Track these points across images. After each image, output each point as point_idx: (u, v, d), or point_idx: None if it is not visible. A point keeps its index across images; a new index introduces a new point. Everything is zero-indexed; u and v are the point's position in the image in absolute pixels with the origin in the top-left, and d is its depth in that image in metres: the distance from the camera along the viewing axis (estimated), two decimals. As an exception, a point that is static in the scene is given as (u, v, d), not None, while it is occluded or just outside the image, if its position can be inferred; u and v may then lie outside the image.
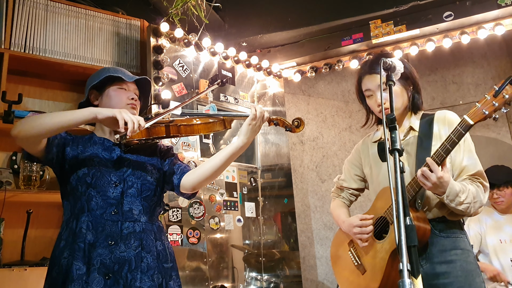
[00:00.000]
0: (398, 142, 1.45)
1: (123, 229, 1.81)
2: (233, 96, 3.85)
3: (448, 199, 1.88)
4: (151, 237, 1.87)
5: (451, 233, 2.03)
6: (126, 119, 1.75)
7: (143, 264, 1.80)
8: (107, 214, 1.81)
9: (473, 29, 3.70)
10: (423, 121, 2.16)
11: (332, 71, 4.26)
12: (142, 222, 1.87)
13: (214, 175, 1.97)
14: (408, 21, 3.74)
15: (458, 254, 2.00)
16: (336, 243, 2.41)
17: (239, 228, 3.57)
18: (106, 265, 1.74)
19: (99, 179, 1.84)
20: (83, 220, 1.79)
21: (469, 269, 1.98)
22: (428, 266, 1.99)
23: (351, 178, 2.44)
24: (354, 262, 2.21)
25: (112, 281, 1.73)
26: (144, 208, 1.89)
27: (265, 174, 3.92)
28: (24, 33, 3.10)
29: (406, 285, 1.11)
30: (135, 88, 2.04)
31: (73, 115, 1.76)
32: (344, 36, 3.98)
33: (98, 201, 1.82)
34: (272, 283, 3.67)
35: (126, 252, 1.78)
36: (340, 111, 4.97)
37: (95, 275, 1.72)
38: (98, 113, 1.77)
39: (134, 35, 3.59)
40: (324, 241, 4.54)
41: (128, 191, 1.87)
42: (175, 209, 3.17)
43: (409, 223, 1.27)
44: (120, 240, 1.79)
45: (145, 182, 1.92)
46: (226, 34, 4.09)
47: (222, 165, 1.94)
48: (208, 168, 1.94)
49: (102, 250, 1.76)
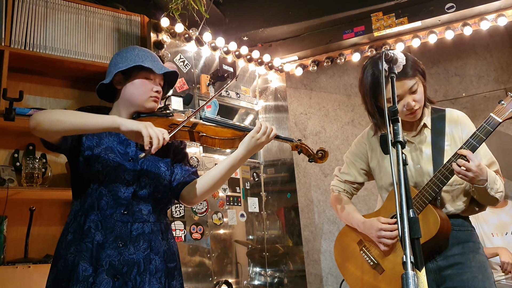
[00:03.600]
0: (400, 135, 1.44)
1: (132, 230, 1.78)
2: (235, 91, 3.84)
3: (489, 188, 1.90)
4: (159, 238, 1.85)
5: (463, 227, 2.07)
6: (151, 135, 1.68)
7: (151, 266, 1.78)
8: (117, 214, 1.78)
9: (476, 20, 3.67)
10: (434, 118, 2.16)
11: (334, 65, 4.24)
12: (151, 222, 1.84)
13: (213, 188, 1.93)
14: (410, 13, 3.71)
15: (471, 246, 2.04)
16: (343, 243, 2.33)
17: (242, 224, 3.57)
18: (115, 266, 1.72)
19: (113, 177, 1.80)
20: (92, 218, 1.76)
21: (482, 260, 2.02)
22: (442, 259, 2.02)
23: (356, 171, 2.37)
24: (369, 262, 2.15)
25: (121, 282, 1.71)
26: (153, 208, 1.86)
27: (268, 169, 3.92)
28: (24, 30, 3.09)
29: (410, 277, 1.10)
30: (161, 79, 1.97)
31: (95, 121, 1.71)
32: (345, 29, 3.96)
33: (109, 200, 1.78)
34: (276, 278, 3.67)
35: (135, 254, 1.76)
36: (343, 105, 4.95)
37: (104, 276, 1.69)
38: (122, 124, 1.70)
39: (135, 30, 3.58)
40: (328, 235, 4.53)
41: (140, 192, 1.83)
42: (178, 205, 3.16)
43: (413, 216, 1.26)
44: (130, 242, 1.76)
45: (158, 184, 1.88)
46: (227, 29, 4.07)
47: (221, 178, 1.90)
48: (207, 181, 1.91)
49: (111, 251, 1.73)
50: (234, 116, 3.94)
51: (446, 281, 1.99)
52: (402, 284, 1.11)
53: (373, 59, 2.16)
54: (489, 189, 1.91)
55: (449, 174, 1.95)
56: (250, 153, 1.87)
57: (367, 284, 2.14)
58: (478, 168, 1.86)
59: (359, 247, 2.22)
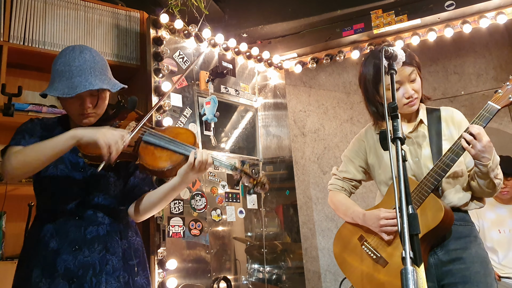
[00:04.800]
0: (400, 131, 1.45)
1: (86, 234, 1.81)
2: (234, 88, 3.84)
3: (491, 167, 1.90)
4: (116, 238, 1.87)
5: (465, 222, 2.07)
6: (109, 143, 1.64)
7: (108, 267, 1.80)
8: (70, 220, 1.81)
9: (475, 18, 3.67)
10: (430, 116, 2.18)
11: (333, 62, 4.24)
12: (106, 224, 1.86)
13: (154, 211, 1.95)
14: (410, 11, 3.71)
15: (472, 241, 2.03)
16: (342, 240, 2.32)
17: (241, 220, 3.57)
18: (70, 270, 1.74)
19: (62, 189, 1.82)
20: (48, 227, 1.79)
21: (483, 256, 2.02)
22: (443, 253, 2.01)
23: (355, 169, 2.37)
24: (372, 256, 2.14)
25: (77, 285, 1.74)
26: (108, 211, 1.88)
27: (266, 166, 3.92)
28: (23, 25, 3.08)
29: (409, 272, 1.10)
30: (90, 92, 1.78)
31: (57, 145, 1.67)
32: (345, 27, 3.96)
33: (62, 207, 1.81)
34: (274, 274, 3.68)
35: (90, 256, 1.78)
36: (342, 102, 4.95)
37: (59, 280, 1.72)
38: (81, 138, 1.66)
39: (134, 27, 3.57)
40: (326, 233, 4.54)
41: (90, 202, 1.85)
42: (177, 201, 3.16)
43: (412, 212, 1.26)
44: (84, 245, 1.79)
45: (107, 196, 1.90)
46: (226, 25, 4.06)
47: (161, 202, 1.91)
48: (148, 205, 1.92)
49: (66, 256, 1.76)
50: (233, 113, 3.93)
51: (448, 276, 1.99)
52: (401, 279, 1.12)
53: (374, 51, 2.20)
54: (491, 170, 1.90)
55: (450, 162, 1.94)
56: (188, 181, 1.83)
57: (370, 278, 2.13)
58: (488, 143, 1.86)
59: (360, 242, 2.21)
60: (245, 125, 3.95)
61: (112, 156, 1.65)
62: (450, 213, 1.98)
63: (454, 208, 2.05)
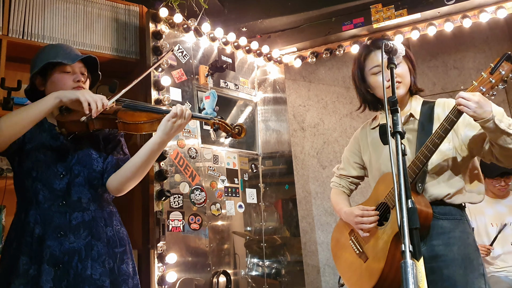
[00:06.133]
0: (399, 125, 1.45)
1: (71, 220, 1.83)
2: (234, 82, 3.83)
3: (497, 119, 1.76)
4: (101, 224, 1.89)
5: (450, 216, 2.02)
6: (89, 100, 1.76)
7: (93, 252, 1.82)
8: (54, 206, 1.83)
9: (475, 12, 3.66)
10: (424, 108, 2.14)
11: (333, 57, 4.24)
12: (91, 210, 1.88)
13: (137, 175, 1.92)
14: (409, 5, 3.70)
15: (457, 237, 1.98)
16: (337, 234, 2.40)
17: (241, 215, 3.58)
18: (55, 256, 1.76)
19: (45, 171, 1.84)
20: (32, 214, 1.81)
21: (466, 252, 1.96)
22: (426, 248, 1.98)
23: (350, 166, 2.44)
24: (355, 251, 2.20)
25: (62, 271, 1.75)
26: (93, 196, 1.90)
27: (266, 160, 3.92)
28: (22, 19, 3.07)
29: (408, 266, 1.11)
30: (81, 67, 1.98)
31: (41, 106, 1.76)
32: (344, 21, 3.95)
33: (45, 193, 1.83)
34: (273, 269, 3.69)
35: (75, 242, 1.80)
36: (341, 97, 4.95)
37: (45, 266, 1.74)
38: (62, 97, 1.77)
39: (133, 21, 3.56)
40: (325, 227, 4.55)
41: (75, 181, 1.87)
42: (177, 195, 3.17)
43: (411, 206, 1.27)
44: (69, 231, 1.81)
45: (91, 171, 1.91)
46: (225, 19, 4.05)
47: (143, 163, 1.89)
48: (128, 168, 1.91)
49: (51, 242, 1.77)
50: (232, 108, 3.93)
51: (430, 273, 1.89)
52: (401, 272, 1.12)
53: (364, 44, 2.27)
54: (499, 122, 1.76)
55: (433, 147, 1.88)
56: (169, 136, 1.86)
57: (353, 272, 2.19)
58: (481, 97, 1.77)
59: (349, 237, 2.28)
60: (244, 119, 3.95)
61: (93, 112, 1.76)
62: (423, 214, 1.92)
63: (436, 201, 2.00)
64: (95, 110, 1.76)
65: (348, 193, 2.48)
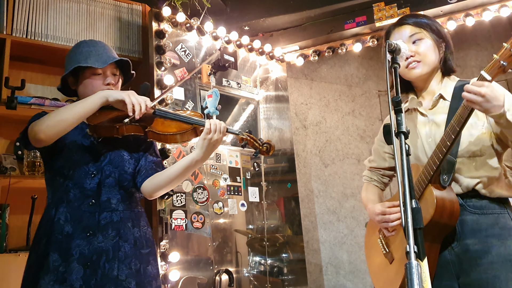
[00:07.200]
0: (403, 125, 1.43)
1: (100, 219, 1.84)
2: (236, 80, 3.84)
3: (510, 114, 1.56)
4: (128, 225, 1.89)
5: (487, 210, 1.77)
6: (133, 102, 1.79)
7: (120, 253, 1.83)
8: (84, 205, 1.84)
9: (478, 11, 3.65)
10: (457, 88, 1.90)
11: (335, 55, 4.23)
12: (120, 211, 1.89)
13: (170, 186, 1.95)
14: (412, 4, 3.69)
15: (496, 234, 1.72)
16: (368, 233, 2.24)
17: (243, 213, 3.58)
18: (84, 255, 1.77)
19: (76, 170, 1.86)
20: (62, 211, 1.82)
21: (507, 254, 1.69)
22: (460, 248, 1.76)
23: (380, 156, 2.18)
24: (382, 250, 2.05)
25: (91, 270, 1.76)
26: (122, 196, 1.91)
27: (268, 159, 3.92)
28: (26, 18, 3.08)
29: (413, 266, 1.11)
30: (112, 68, 1.99)
31: (88, 104, 1.80)
32: (347, 19, 3.94)
33: (76, 192, 1.84)
34: (276, 267, 3.69)
35: (103, 242, 1.81)
36: (343, 95, 4.95)
37: (75, 265, 1.75)
38: (109, 96, 1.81)
39: (136, 20, 3.56)
40: (328, 226, 4.56)
41: (105, 181, 1.88)
42: (179, 194, 3.18)
43: (415, 206, 1.26)
44: (98, 231, 1.82)
45: (122, 173, 1.92)
46: (228, 18, 4.05)
47: (177, 177, 1.91)
48: (163, 179, 1.93)
49: (80, 241, 1.79)
50: (234, 106, 3.93)
51: (464, 275, 1.73)
52: (405, 274, 1.12)
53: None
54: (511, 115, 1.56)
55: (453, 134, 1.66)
56: (207, 154, 1.86)
57: (381, 273, 2.05)
58: (489, 89, 1.56)
59: (378, 235, 2.12)
60: (246, 118, 3.95)
61: (136, 114, 1.79)
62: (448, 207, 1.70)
63: (469, 192, 1.77)
64: (138, 112, 1.80)
65: (382, 187, 2.21)
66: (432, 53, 1.94)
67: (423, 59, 1.92)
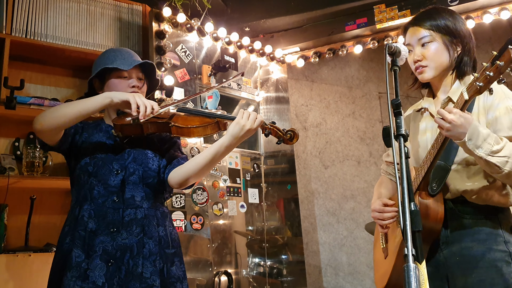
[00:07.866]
0: (403, 128, 1.43)
1: (124, 216, 1.83)
2: (236, 81, 3.83)
3: (472, 143, 1.56)
4: (153, 223, 1.88)
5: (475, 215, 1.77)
6: (138, 103, 1.78)
7: (145, 250, 1.81)
8: (108, 202, 1.83)
9: (478, 13, 3.65)
10: None
11: (336, 57, 4.23)
12: (144, 208, 1.87)
13: (199, 174, 1.92)
14: (413, 6, 3.69)
15: (482, 239, 1.72)
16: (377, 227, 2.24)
17: (242, 214, 3.58)
18: (108, 251, 1.76)
19: (101, 168, 1.87)
20: (86, 208, 1.82)
21: (495, 258, 1.68)
22: (448, 252, 1.78)
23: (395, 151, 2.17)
24: (382, 245, 2.09)
25: (114, 267, 1.75)
26: (146, 194, 1.90)
27: (268, 160, 3.92)
28: (26, 18, 3.08)
29: (411, 269, 1.10)
30: (137, 72, 2.00)
31: (91, 102, 1.80)
32: (348, 21, 3.94)
33: (100, 189, 1.84)
34: (275, 268, 3.69)
35: (128, 239, 1.80)
36: (344, 97, 4.95)
37: (98, 261, 1.74)
38: (113, 97, 1.80)
39: (136, 20, 3.56)
40: (327, 227, 4.55)
41: (129, 179, 1.88)
42: (179, 195, 3.17)
43: (414, 208, 1.26)
44: (122, 227, 1.81)
45: (146, 169, 1.92)
46: (228, 19, 4.04)
47: (207, 164, 1.87)
48: (192, 166, 1.90)
49: (104, 237, 1.78)
50: (234, 107, 3.93)
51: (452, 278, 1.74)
52: (404, 276, 1.12)
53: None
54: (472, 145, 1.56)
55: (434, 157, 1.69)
56: (237, 140, 1.82)
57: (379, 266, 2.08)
58: (456, 117, 1.55)
59: None
60: (247, 119, 3.94)
61: (140, 115, 1.77)
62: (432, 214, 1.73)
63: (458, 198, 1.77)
64: (142, 113, 1.77)
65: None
66: (440, 56, 1.91)
67: (430, 63, 1.90)
